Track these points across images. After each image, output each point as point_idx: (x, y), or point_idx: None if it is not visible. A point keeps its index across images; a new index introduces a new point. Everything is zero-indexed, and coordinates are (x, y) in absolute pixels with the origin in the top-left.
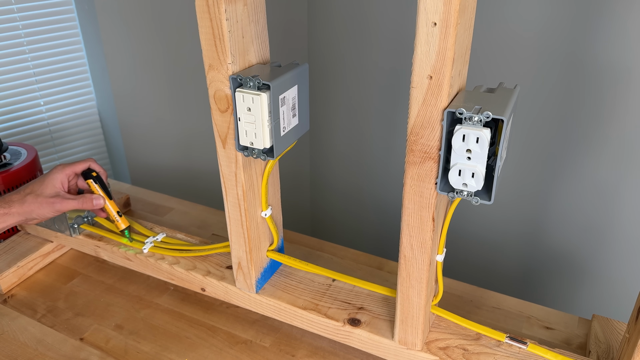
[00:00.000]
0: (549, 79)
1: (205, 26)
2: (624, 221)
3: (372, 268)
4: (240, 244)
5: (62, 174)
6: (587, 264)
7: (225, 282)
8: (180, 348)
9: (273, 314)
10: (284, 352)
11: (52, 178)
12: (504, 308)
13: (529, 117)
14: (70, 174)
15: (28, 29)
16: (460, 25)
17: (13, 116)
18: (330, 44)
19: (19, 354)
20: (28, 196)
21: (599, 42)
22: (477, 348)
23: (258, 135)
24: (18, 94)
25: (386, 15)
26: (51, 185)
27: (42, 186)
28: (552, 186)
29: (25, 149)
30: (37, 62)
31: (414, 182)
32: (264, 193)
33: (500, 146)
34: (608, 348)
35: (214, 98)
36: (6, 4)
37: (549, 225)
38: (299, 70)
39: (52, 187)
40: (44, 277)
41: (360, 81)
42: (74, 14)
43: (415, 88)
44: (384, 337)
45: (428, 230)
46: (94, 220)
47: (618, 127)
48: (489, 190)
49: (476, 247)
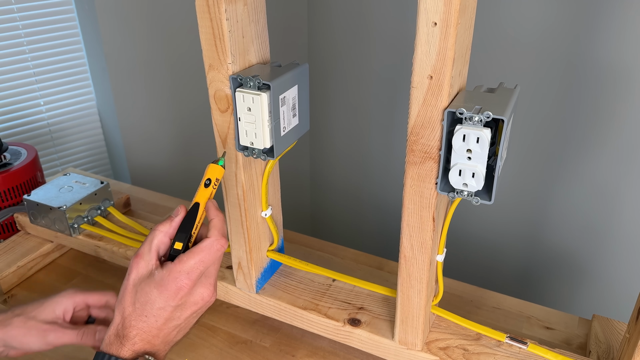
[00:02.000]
0: (549, 78)
1: (205, 26)
2: (624, 221)
3: (372, 268)
4: (240, 244)
5: (68, 300)
6: (587, 264)
7: (225, 282)
8: (180, 348)
9: (273, 314)
10: (284, 352)
11: (54, 302)
12: (504, 308)
13: (529, 117)
14: (80, 303)
15: (28, 29)
16: (461, 25)
17: (13, 116)
18: (330, 44)
19: None
20: (16, 318)
21: (599, 42)
22: (478, 348)
23: (258, 135)
24: (18, 94)
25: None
26: (50, 310)
27: (38, 308)
28: (552, 186)
29: (25, 149)
30: (37, 62)
31: (414, 182)
32: (264, 193)
33: (501, 146)
34: (608, 348)
35: (214, 98)
36: (6, 4)
37: (549, 225)
38: (299, 70)
39: (51, 312)
40: (44, 277)
41: (360, 81)
42: (74, 14)
43: (415, 88)
44: (384, 337)
45: (428, 230)
46: (94, 220)
47: (618, 127)
48: (489, 190)
49: (476, 247)
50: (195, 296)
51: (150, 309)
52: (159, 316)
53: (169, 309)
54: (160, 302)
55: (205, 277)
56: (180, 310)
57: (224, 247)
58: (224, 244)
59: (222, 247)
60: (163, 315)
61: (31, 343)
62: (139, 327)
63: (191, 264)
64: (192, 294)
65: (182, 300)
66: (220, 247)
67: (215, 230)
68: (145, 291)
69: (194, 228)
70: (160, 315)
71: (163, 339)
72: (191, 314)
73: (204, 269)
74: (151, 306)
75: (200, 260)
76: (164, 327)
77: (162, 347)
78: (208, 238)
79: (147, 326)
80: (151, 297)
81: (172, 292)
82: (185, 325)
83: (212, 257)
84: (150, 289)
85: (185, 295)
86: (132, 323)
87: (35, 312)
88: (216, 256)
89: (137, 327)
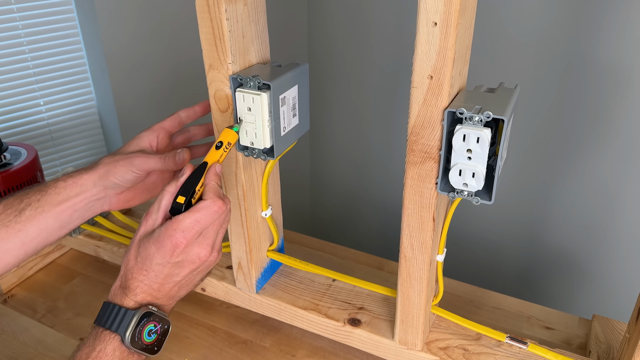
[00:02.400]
0: (549, 78)
1: (205, 26)
2: (624, 221)
3: (372, 268)
4: (240, 244)
5: (149, 133)
6: (587, 264)
7: (225, 282)
8: (180, 348)
9: (273, 314)
10: (284, 352)
11: (138, 138)
12: (504, 308)
13: (529, 117)
14: (159, 130)
15: (28, 29)
16: (461, 25)
17: (13, 116)
18: (330, 44)
19: (19, 354)
20: (105, 158)
21: (599, 42)
22: (478, 348)
23: (258, 135)
24: (18, 94)
25: (386, 15)
26: (135, 144)
27: (124, 147)
28: (552, 186)
29: (25, 149)
30: (37, 62)
31: (414, 182)
32: (264, 193)
33: (501, 146)
34: (608, 348)
35: (214, 98)
36: (6, 3)
37: (549, 225)
38: (299, 70)
39: (136, 145)
40: (44, 277)
41: (360, 81)
42: (74, 14)
43: (415, 88)
44: (384, 337)
45: (428, 230)
46: (94, 220)
47: (618, 127)
48: (490, 190)
49: (476, 247)
50: (192, 255)
51: (149, 264)
52: (158, 272)
53: (167, 266)
54: (158, 258)
55: (203, 237)
56: (179, 268)
57: (222, 209)
58: (221, 206)
59: (219, 208)
60: (162, 271)
61: (124, 173)
62: (139, 280)
63: (186, 222)
64: (188, 253)
65: (179, 258)
66: (217, 209)
67: (210, 193)
68: (146, 246)
69: (197, 186)
70: (159, 270)
71: (165, 294)
72: (190, 272)
73: (200, 228)
74: (150, 261)
75: (196, 220)
76: (165, 282)
77: (166, 301)
78: (204, 200)
79: (147, 280)
80: (150, 252)
81: (169, 249)
82: (186, 282)
83: (209, 218)
84: (150, 244)
85: (181, 252)
86: (134, 276)
87: (122, 149)
88: (213, 217)
89: (138, 280)
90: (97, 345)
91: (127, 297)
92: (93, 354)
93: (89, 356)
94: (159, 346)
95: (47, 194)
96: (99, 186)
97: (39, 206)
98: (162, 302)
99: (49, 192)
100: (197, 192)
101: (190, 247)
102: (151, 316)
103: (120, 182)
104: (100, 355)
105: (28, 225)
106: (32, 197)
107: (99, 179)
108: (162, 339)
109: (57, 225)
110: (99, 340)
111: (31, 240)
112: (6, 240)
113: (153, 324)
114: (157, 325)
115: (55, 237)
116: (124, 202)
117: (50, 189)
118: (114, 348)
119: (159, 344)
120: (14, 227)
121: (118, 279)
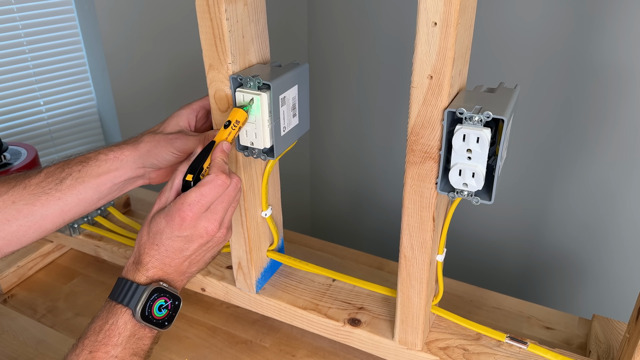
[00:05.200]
0: (549, 78)
1: (205, 26)
2: (624, 221)
3: (372, 268)
4: (240, 244)
5: (188, 111)
6: (587, 264)
7: (225, 282)
8: (180, 348)
9: (273, 314)
10: (284, 352)
11: (176, 116)
12: (504, 308)
13: (529, 117)
14: (198, 109)
15: (28, 29)
16: (461, 25)
17: (13, 116)
18: (330, 43)
19: (19, 354)
20: (145, 136)
21: (599, 42)
22: (478, 348)
23: (258, 135)
24: (18, 94)
25: (386, 15)
26: (174, 124)
27: (162, 125)
28: (552, 186)
29: (25, 148)
30: (37, 62)
31: (414, 182)
32: (264, 193)
33: (501, 146)
34: (608, 348)
35: (214, 98)
36: (6, 3)
37: (549, 225)
38: (299, 70)
39: (176, 125)
40: (44, 277)
41: (361, 81)
42: (74, 14)
43: (415, 88)
44: (384, 337)
45: (428, 230)
46: (94, 220)
47: (618, 127)
48: (489, 190)
49: (476, 247)
50: (199, 229)
51: (160, 238)
52: (168, 246)
53: (177, 240)
54: (168, 232)
55: (211, 212)
56: (188, 242)
57: (225, 183)
58: (225, 180)
59: (223, 182)
60: (172, 245)
61: (164, 154)
62: (151, 255)
63: (192, 196)
64: (195, 227)
65: (187, 232)
66: (222, 183)
67: (215, 167)
68: (157, 222)
69: (205, 164)
70: (169, 245)
71: (175, 269)
72: (199, 246)
73: (206, 202)
74: (160, 236)
75: (201, 194)
76: (175, 256)
77: (177, 277)
78: (209, 175)
79: (158, 254)
80: (160, 227)
81: (177, 223)
82: (196, 258)
83: (214, 192)
84: (161, 219)
85: (189, 226)
86: (146, 251)
87: (161, 128)
88: (217, 191)
89: (149, 255)
90: (110, 319)
91: (139, 273)
92: (105, 327)
93: (102, 329)
94: (169, 321)
95: (88, 165)
96: (139, 163)
97: (80, 177)
98: (173, 278)
99: (90, 163)
100: (206, 170)
101: (197, 221)
102: (162, 292)
103: (160, 162)
104: (112, 328)
105: (68, 194)
106: (74, 167)
107: (139, 157)
108: (172, 314)
109: (95, 197)
110: (112, 313)
111: (70, 209)
112: (46, 206)
113: (164, 300)
114: (167, 301)
115: (93, 207)
116: (163, 177)
117: (92, 161)
118: (125, 321)
119: (170, 319)
120: (54, 194)
121: (132, 256)
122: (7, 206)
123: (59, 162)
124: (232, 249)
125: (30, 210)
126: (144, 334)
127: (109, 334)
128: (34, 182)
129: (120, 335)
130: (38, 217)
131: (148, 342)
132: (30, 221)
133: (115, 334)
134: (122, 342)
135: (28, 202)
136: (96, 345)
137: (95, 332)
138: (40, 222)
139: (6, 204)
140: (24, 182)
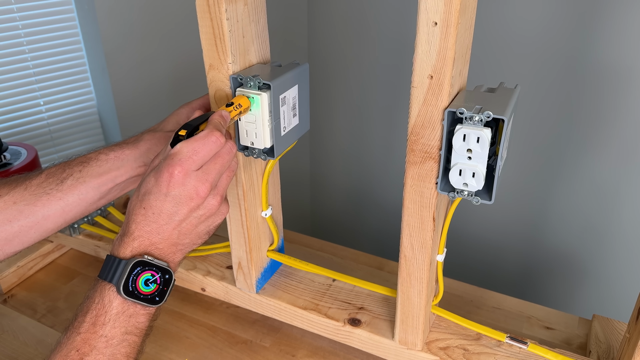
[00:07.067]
0: (549, 78)
1: (205, 26)
2: (624, 221)
3: (372, 268)
4: (240, 244)
5: (187, 109)
6: (587, 264)
7: (225, 282)
8: (180, 348)
9: (273, 314)
10: (284, 352)
11: (176, 114)
12: (504, 308)
13: (529, 117)
14: (198, 107)
15: (28, 29)
16: (461, 25)
17: (13, 116)
18: (331, 43)
19: (19, 354)
20: (145, 134)
21: (599, 42)
22: (478, 348)
23: (258, 135)
24: (18, 94)
25: (386, 15)
26: (174, 121)
27: (162, 123)
28: (552, 186)
29: (25, 148)
30: (37, 62)
31: (414, 182)
32: (264, 193)
33: (501, 146)
34: (608, 348)
35: (214, 98)
36: (6, 3)
37: (549, 225)
38: (299, 70)
39: (175, 123)
40: (44, 277)
41: (361, 81)
42: (74, 13)
43: (415, 88)
44: (384, 337)
45: (428, 230)
46: (94, 220)
47: (618, 127)
48: (490, 190)
49: (476, 247)
50: (189, 188)
51: (147, 200)
52: (155, 208)
53: (165, 201)
54: (155, 191)
55: (203, 172)
56: (177, 204)
57: (220, 141)
58: (219, 137)
59: (217, 139)
60: (159, 207)
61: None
62: (137, 222)
63: (184, 151)
64: (185, 185)
65: (176, 191)
66: (216, 140)
67: (210, 125)
68: (146, 181)
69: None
70: (156, 207)
71: (164, 238)
72: (189, 211)
73: (198, 159)
74: (148, 197)
75: (193, 149)
76: (163, 222)
77: (167, 249)
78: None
79: (145, 220)
80: (149, 186)
81: (165, 179)
82: (186, 227)
83: (207, 148)
84: (150, 177)
85: (178, 183)
86: (133, 218)
87: (161, 126)
88: (211, 148)
89: (136, 222)
90: (96, 297)
91: (124, 245)
92: (92, 306)
93: (89, 308)
94: (160, 296)
95: (88, 165)
96: (139, 162)
97: (80, 177)
98: (163, 249)
99: (90, 163)
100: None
101: (187, 179)
102: (146, 265)
103: None
104: (98, 307)
105: (69, 194)
106: (75, 167)
107: (139, 156)
108: (163, 288)
109: (97, 197)
110: (97, 291)
111: (71, 209)
112: (47, 206)
113: (150, 274)
114: (155, 275)
115: (95, 207)
116: None
117: (92, 161)
118: (110, 299)
119: (161, 294)
120: (55, 194)
121: (121, 228)
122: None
123: (60, 163)
124: (232, 249)
125: (31, 211)
126: (135, 310)
127: (97, 312)
128: (35, 182)
129: (107, 314)
130: (39, 218)
131: (143, 320)
132: (32, 221)
133: (102, 312)
134: (110, 320)
135: (29, 203)
136: (84, 326)
137: (83, 313)
138: (41, 222)
139: (7, 204)
140: (24, 183)
